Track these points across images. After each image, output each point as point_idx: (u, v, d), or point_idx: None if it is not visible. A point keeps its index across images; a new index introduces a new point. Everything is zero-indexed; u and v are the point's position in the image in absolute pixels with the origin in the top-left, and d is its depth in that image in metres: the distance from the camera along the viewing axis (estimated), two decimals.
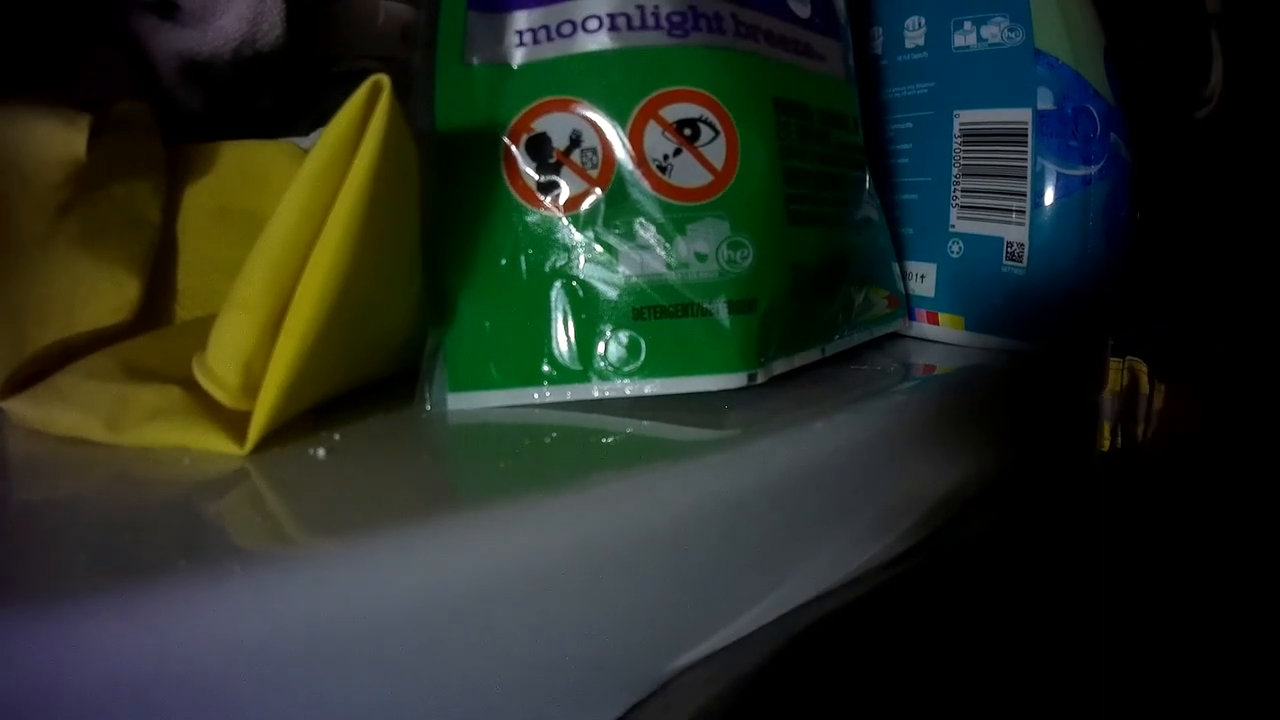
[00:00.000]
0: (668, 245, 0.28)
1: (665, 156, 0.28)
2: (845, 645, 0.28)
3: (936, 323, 0.42)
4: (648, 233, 0.28)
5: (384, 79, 0.23)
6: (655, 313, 0.28)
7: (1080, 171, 0.41)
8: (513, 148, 0.28)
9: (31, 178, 0.28)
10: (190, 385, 0.24)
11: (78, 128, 0.28)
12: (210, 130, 0.37)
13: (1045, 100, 0.41)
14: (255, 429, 0.23)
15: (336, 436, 0.25)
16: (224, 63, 0.36)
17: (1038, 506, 0.39)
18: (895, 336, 0.41)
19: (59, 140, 0.28)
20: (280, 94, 0.41)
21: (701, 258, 0.28)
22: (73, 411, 0.24)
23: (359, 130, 0.23)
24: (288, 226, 0.23)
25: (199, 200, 0.34)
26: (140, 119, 0.33)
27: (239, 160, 0.35)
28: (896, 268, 0.41)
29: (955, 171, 0.41)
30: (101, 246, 0.29)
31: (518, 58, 0.29)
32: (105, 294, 0.29)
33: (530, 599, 0.20)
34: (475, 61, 0.29)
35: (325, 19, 0.41)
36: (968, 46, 0.42)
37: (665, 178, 0.28)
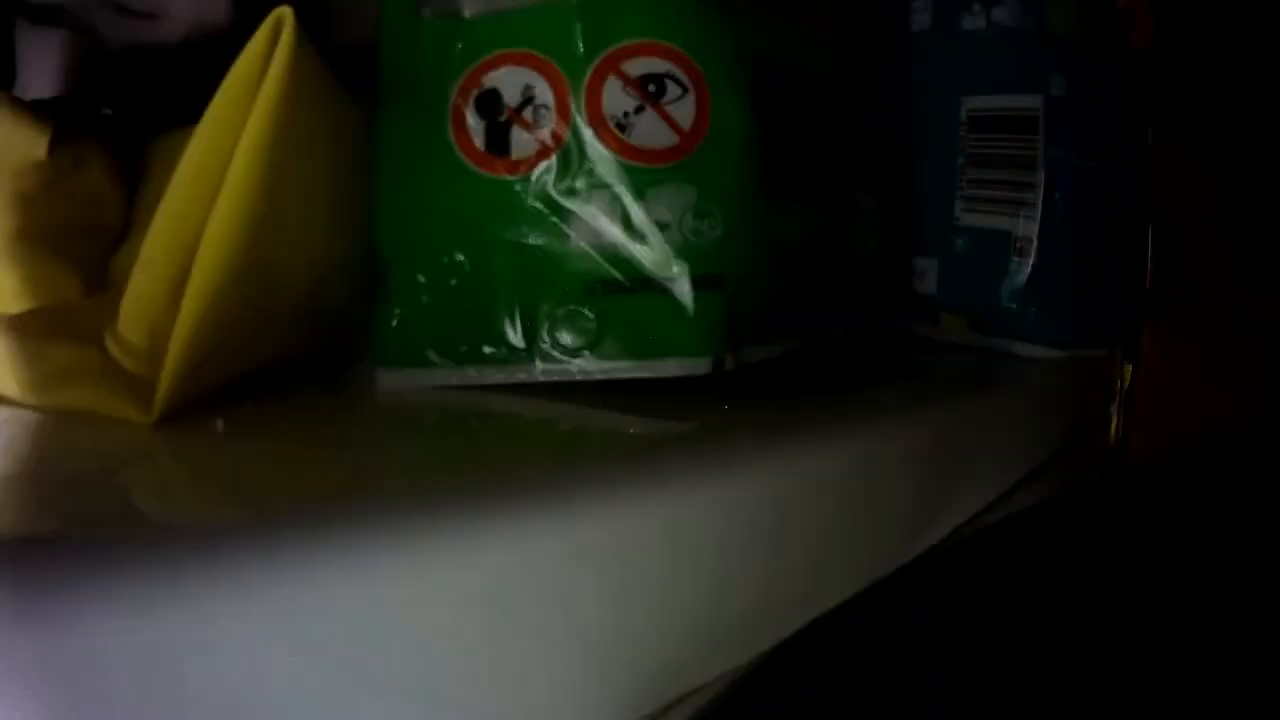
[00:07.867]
0: (625, 212, 0.25)
1: (625, 114, 0.25)
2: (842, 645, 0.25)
3: (938, 322, 0.39)
4: (603, 198, 0.25)
5: (286, 12, 0.21)
6: (609, 287, 0.25)
7: (1095, 163, 0.38)
8: (461, 105, 0.26)
9: None
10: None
11: (40, 130, 0.28)
12: (164, 106, 0.37)
13: (1058, 87, 0.38)
14: (161, 395, 0.21)
15: (246, 409, 0.22)
16: (173, 49, 0.36)
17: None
18: (892, 335, 0.38)
19: (23, 136, 0.28)
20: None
21: (663, 227, 0.25)
22: None
23: (263, 69, 0.21)
24: (189, 175, 0.21)
25: (154, 190, 0.33)
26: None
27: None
28: (895, 260, 0.38)
29: (961, 161, 0.39)
30: (53, 242, 0.29)
31: (470, 8, 0.26)
32: (45, 287, 0.28)
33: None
34: (427, 14, 0.27)
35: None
36: (977, 29, 0.39)
37: (624, 137, 0.25)
